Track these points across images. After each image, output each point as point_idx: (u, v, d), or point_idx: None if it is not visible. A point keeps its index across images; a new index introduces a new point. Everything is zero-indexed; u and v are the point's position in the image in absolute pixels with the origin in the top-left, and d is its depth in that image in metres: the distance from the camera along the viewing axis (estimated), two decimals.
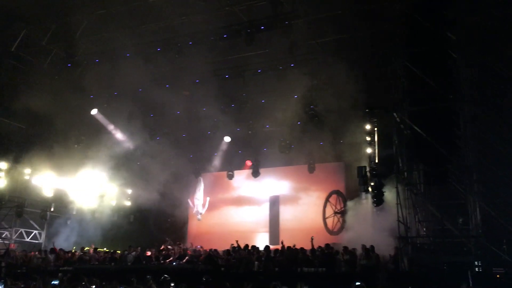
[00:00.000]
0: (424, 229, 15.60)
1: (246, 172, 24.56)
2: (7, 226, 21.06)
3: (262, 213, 24.02)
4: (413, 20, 13.96)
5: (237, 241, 17.59)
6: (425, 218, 15.52)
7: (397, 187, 14.69)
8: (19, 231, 21.98)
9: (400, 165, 14.96)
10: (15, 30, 19.73)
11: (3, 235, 20.96)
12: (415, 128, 13.74)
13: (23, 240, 22.15)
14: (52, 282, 12.66)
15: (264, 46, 19.03)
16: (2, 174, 20.08)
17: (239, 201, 24.75)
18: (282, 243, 16.71)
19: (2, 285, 12.80)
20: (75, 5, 18.23)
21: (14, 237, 21.60)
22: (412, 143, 14.21)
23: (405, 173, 14.93)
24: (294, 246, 16.37)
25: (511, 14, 14.49)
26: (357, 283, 11.05)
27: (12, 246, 20.92)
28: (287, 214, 23.36)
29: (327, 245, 15.89)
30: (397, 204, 14.47)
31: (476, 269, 12.53)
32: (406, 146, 14.79)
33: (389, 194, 15.91)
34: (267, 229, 23.54)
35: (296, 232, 21.16)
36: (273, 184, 24.04)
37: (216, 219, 24.62)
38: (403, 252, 14.01)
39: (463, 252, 13.22)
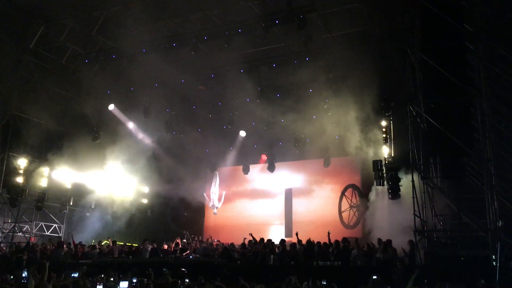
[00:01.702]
0: (441, 223, 15.51)
1: (261, 166, 24.64)
2: (27, 220, 21.44)
3: (276, 206, 24.14)
4: (429, 12, 13.75)
5: (251, 234, 17.64)
6: (442, 212, 15.43)
7: (412, 181, 14.57)
8: (39, 225, 22.33)
9: (416, 158, 14.84)
10: (34, 27, 20.10)
11: (24, 229, 21.36)
12: (431, 121, 13.58)
13: (43, 233, 22.55)
14: (72, 275, 12.88)
15: (279, 40, 19.05)
16: (22, 168, 20.38)
17: (254, 194, 24.87)
18: (297, 235, 16.64)
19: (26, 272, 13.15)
20: (91, 2, 18.46)
21: (34, 230, 22.01)
22: (429, 136, 14.06)
23: (421, 167, 14.82)
24: (310, 239, 16.38)
25: None
26: (374, 277, 10.99)
27: (33, 240, 21.35)
28: (300, 207, 23.39)
29: (344, 238, 15.78)
30: (413, 197, 14.40)
31: (494, 263, 12.40)
32: (422, 139, 14.67)
33: (405, 188, 15.80)
34: (282, 221, 23.67)
35: (311, 225, 21.24)
36: (288, 177, 24.06)
37: (232, 212, 24.81)
38: (419, 246, 13.95)
39: (480, 246, 13.09)
